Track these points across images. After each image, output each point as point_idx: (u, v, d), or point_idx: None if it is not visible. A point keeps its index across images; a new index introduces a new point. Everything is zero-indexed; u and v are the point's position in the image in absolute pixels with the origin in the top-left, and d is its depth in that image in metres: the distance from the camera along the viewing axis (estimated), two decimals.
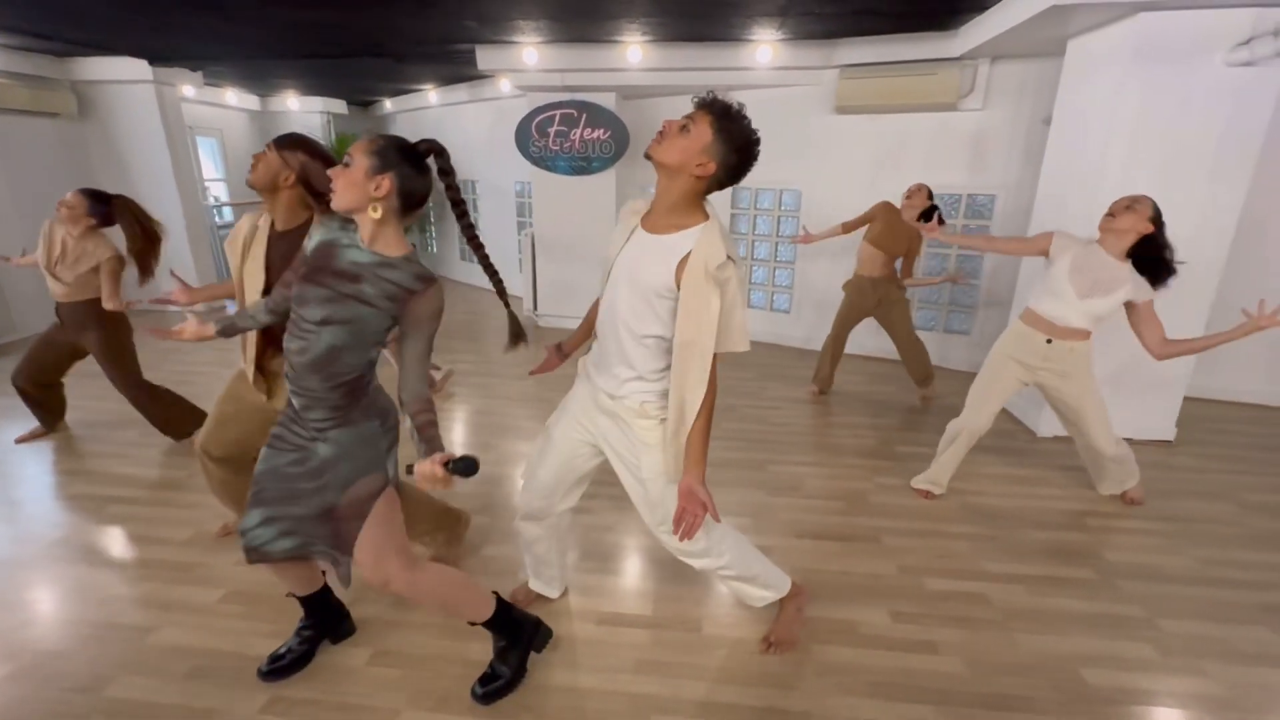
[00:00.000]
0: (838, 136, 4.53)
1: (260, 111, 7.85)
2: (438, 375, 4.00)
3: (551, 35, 4.29)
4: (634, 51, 4.39)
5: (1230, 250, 3.10)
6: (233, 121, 7.52)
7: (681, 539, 1.53)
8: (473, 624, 1.67)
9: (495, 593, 1.70)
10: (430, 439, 1.39)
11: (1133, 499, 2.73)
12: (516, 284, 5.96)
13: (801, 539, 2.45)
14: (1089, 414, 2.55)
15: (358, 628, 1.91)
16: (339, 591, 1.85)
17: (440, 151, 1.39)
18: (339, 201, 1.35)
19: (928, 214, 3.31)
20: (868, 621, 2.01)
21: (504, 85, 5.97)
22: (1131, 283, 2.34)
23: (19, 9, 3.81)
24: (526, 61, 4.52)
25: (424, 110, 7.37)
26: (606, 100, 4.94)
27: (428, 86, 6.93)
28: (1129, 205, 2.34)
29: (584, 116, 4.96)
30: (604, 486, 2.22)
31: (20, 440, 3.17)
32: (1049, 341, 2.48)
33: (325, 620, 1.83)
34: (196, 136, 6.88)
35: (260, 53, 5.10)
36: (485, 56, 4.56)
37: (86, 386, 3.62)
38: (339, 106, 8.01)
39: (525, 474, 1.87)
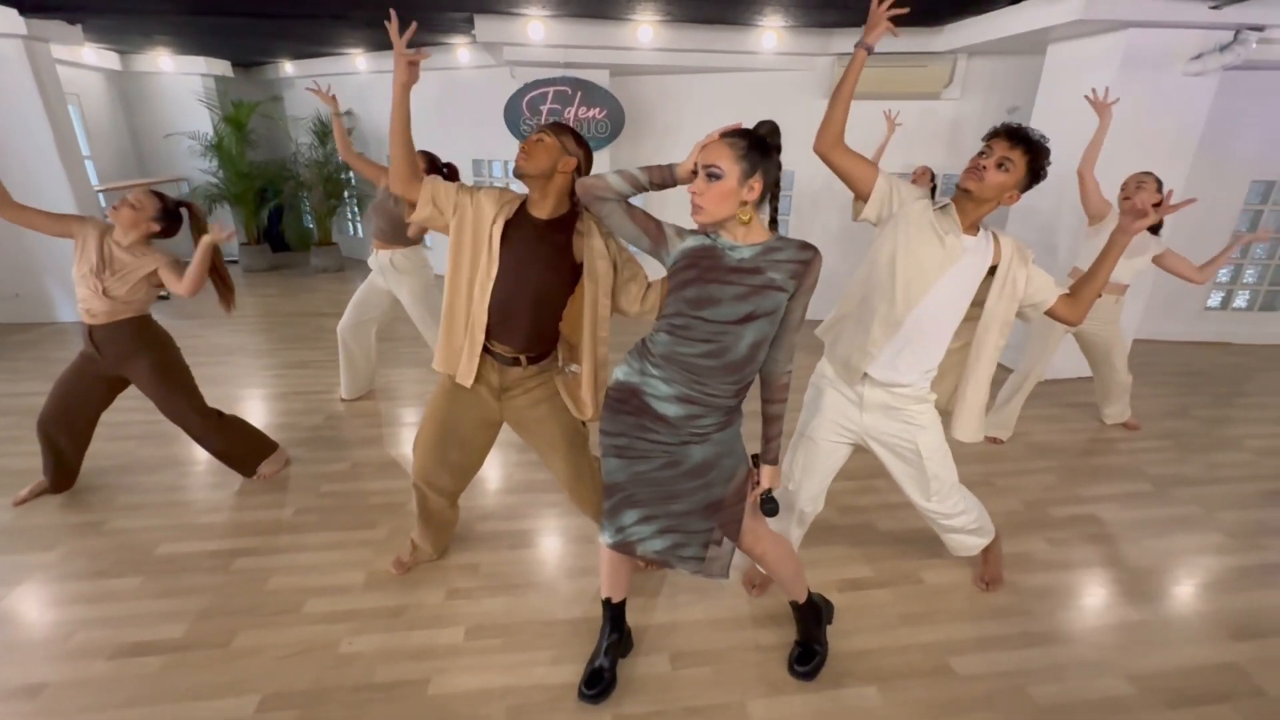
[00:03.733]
0: None
1: (121, 72, 6.44)
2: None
3: (560, 9, 4.09)
4: (645, 30, 4.34)
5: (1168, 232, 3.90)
6: (89, 85, 6.13)
7: None
8: (792, 603, 1.80)
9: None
10: (773, 447, 1.50)
11: (1133, 426, 3.45)
12: None
13: None
14: (1117, 350, 3.17)
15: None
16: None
17: (777, 130, 1.41)
18: (710, 215, 1.36)
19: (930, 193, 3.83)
20: (1035, 550, 2.40)
21: (462, 55, 5.54)
22: (1153, 241, 2.93)
23: None
24: (531, 36, 4.27)
25: (345, 76, 6.55)
26: (599, 78, 4.83)
27: (354, 50, 6.18)
28: (1139, 184, 2.88)
29: (579, 94, 4.80)
30: None
31: (19, 502, 2.54)
32: (1099, 295, 3.01)
33: (624, 631, 1.82)
34: None
35: (179, 7, 4.24)
36: (485, 27, 4.23)
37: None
38: (222, 68, 6.81)
39: (791, 481, 1.98)
